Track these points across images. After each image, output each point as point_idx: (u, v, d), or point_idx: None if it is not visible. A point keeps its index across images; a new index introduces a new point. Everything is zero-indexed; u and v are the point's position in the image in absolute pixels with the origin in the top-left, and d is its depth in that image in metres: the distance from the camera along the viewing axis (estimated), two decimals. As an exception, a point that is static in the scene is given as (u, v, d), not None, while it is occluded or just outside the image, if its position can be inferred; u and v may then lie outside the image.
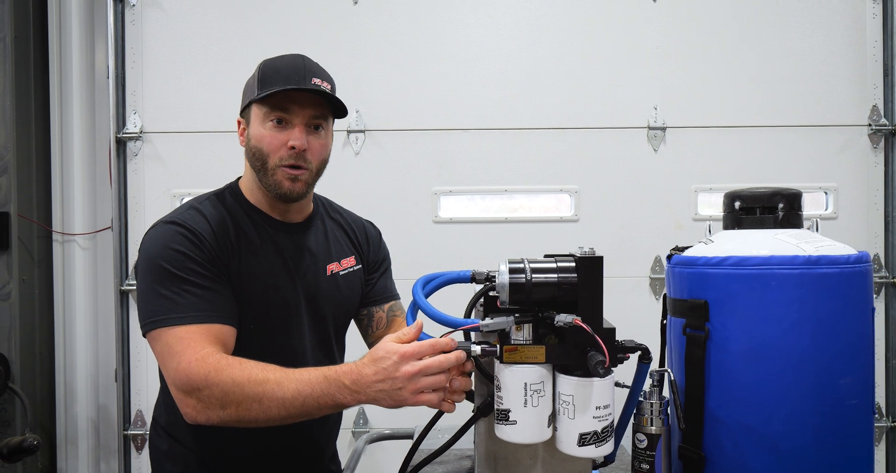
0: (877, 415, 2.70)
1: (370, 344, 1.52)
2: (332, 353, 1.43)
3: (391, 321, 1.51)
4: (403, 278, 1.07)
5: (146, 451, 2.62)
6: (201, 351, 1.12)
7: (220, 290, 1.22)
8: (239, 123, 1.36)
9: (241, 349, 1.21)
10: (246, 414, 1.07)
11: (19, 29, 2.63)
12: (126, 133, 2.68)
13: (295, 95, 1.25)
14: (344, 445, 1.78)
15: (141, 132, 2.69)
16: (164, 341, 1.15)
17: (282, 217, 1.36)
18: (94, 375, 2.79)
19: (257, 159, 1.28)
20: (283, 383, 1.05)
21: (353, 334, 1.52)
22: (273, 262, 1.31)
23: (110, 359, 2.74)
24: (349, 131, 2.67)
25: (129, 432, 2.70)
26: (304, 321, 1.34)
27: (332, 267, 1.41)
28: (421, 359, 0.97)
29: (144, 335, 1.21)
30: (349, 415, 2.70)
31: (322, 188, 1.53)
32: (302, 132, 1.26)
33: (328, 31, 2.67)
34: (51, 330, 2.75)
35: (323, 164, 1.34)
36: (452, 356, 0.98)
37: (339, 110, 1.32)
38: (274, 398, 1.05)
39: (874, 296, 2.66)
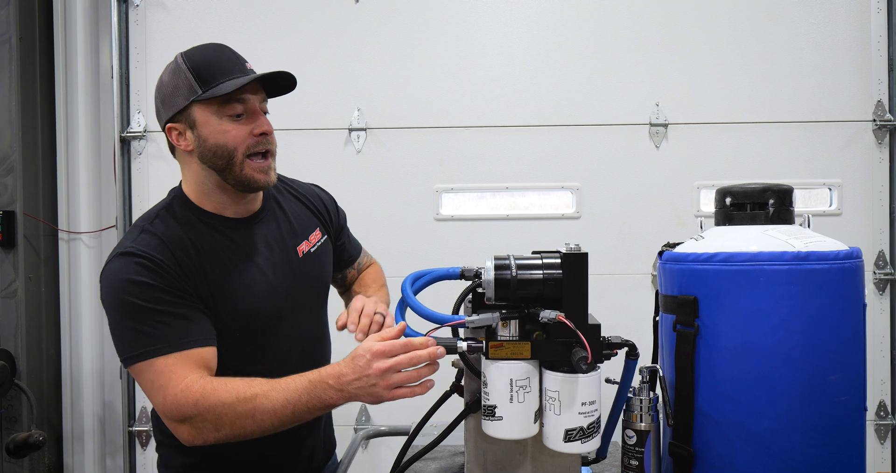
0: (882, 413, 2.68)
1: (347, 300, 1.60)
2: (319, 331, 1.44)
3: (363, 273, 1.59)
4: (403, 276, 1.08)
5: (151, 447, 2.65)
6: (185, 380, 1.12)
7: (191, 313, 1.19)
8: (170, 129, 1.24)
9: (230, 356, 1.21)
10: (241, 431, 1.10)
11: (24, 30, 2.66)
12: (130, 132, 2.70)
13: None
14: (346, 441, 1.79)
15: (145, 131, 2.71)
16: (146, 376, 1.15)
17: (238, 214, 1.30)
18: (99, 372, 2.82)
19: (221, 157, 1.22)
20: (271, 394, 1.08)
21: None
22: (241, 266, 1.26)
23: (115, 357, 2.74)
24: (350, 129, 2.67)
25: (135, 428, 2.73)
26: (285, 314, 1.31)
27: (302, 247, 1.38)
28: (394, 357, 1.00)
29: (126, 368, 1.21)
30: (352, 412, 2.71)
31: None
32: (264, 118, 1.25)
33: (330, 29, 2.68)
34: (57, 328, 2.78)
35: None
36: (424, 352, 0.99)
37: (274, 91, 1.30)
38: (265, 411, 1.08)
39: (880, 293, 2.66)
